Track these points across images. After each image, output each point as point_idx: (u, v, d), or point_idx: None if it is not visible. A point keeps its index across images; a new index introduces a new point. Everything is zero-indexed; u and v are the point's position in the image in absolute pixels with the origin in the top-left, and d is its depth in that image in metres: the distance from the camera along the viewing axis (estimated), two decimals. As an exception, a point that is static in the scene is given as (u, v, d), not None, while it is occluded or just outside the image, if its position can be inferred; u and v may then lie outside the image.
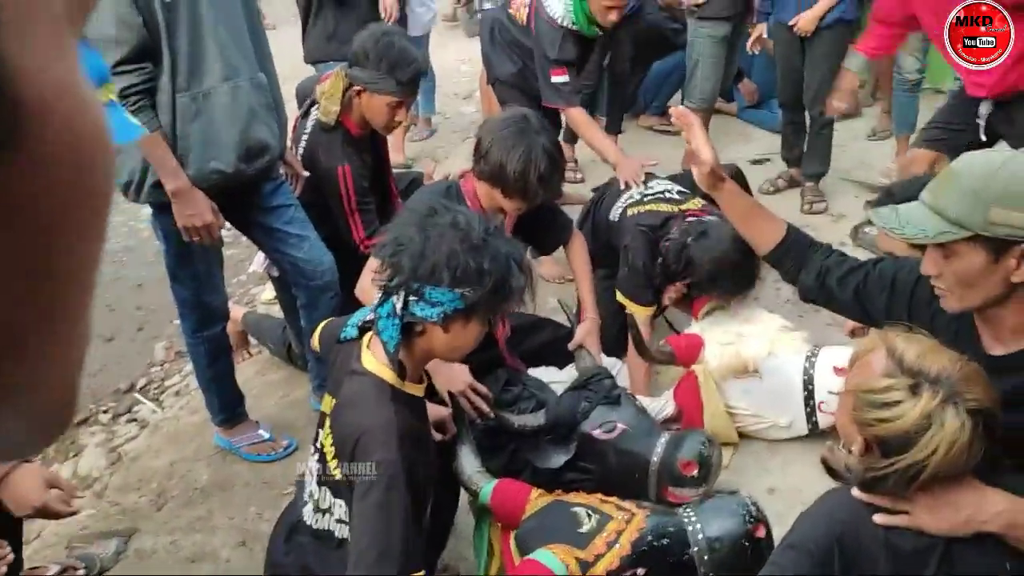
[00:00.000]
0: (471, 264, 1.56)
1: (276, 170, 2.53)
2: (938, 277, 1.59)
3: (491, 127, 2.49)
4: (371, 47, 2.65)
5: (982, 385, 1.37)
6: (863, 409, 1.38)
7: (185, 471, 2.68)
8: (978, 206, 1.47)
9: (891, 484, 1.39)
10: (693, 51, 4.29)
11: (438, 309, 1.57)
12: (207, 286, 2.47)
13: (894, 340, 1.42)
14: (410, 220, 1.64)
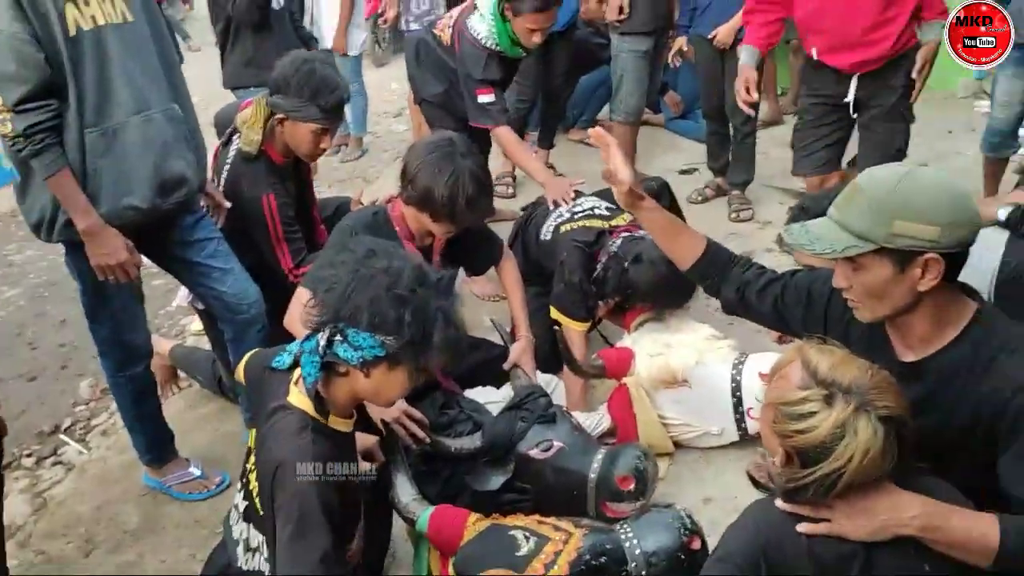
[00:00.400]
0: (391, 312, 1.56)
1: (196, 203, 2.47)
2: (849, 289, 1.64)
3: (417, 152, 2.48)
4: (292, 74, 2.61)
5: (892, 393, 1.41)
6: (781, 421, 1.42)
7: (113, 514, 2.60)
8: (881, 219, 1.51)
9: (811, 493, 1.42)
10: (617, 66, 4.35)
11: (359, 353, 1.57)
12: (127, 324, 2.39)
13: (808, 352, 1.46)
14: (347, 258, 1.65)
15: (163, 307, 3.99)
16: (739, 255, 2.05)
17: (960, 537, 1.43)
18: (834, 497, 1.43)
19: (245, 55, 3.95)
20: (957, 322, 1.60)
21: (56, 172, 2.08)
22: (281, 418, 1.64)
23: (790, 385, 1.44)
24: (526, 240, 3.22)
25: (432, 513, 2.06)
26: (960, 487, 1.52)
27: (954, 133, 5.39)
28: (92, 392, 3.44)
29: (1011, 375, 1.52)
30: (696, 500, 2.47)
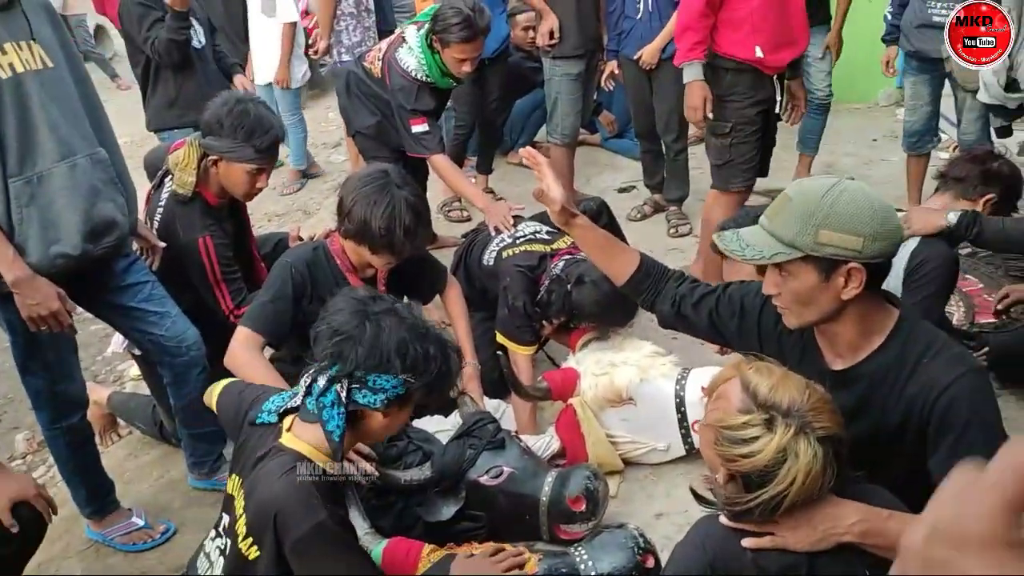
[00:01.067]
0: (419, 351, 1.64)
1: (127, 246, 2.43)
2: (777, 296, 1.69)
3: (352, 185, 2.48)
4: (225, 115, 2.59)
5: (828, 412, 1.44)
6: (724, 444, 1.44)
7: (55, 571, 2.51)
8: (808, 228, 1.57)
9: (756, 515, 1.45)
10: (551, 89, 4.41)
11: (381, 395, 1.64)
12: (60, 375, 2.33)
13: (748, 373, 1.48)
14: (346, 308, 1.69)
15: (99, 353, 3.89)
16: (673, 269, 2.10)
17: (897, 540, 1.46)
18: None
19: (168, 96, 3.86)
20: (882, 329, 1.67)
21: None
22: (278, 461, 1.65)
23: (730, 407, 1.46)
24: (469, 266, 3.23)
25: (386, 547, 2.05)
26: (893, 489, 1.56)
27: (878, 141, 5.59)
28: (28, 445, 3.33)
29: (935, 377, 1.58)
30: (648, 516, 2.49)
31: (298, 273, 2.50)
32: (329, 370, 1.64)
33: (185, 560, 2.29)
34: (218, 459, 2.74)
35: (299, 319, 2.51)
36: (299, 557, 1.58)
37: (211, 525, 1.88)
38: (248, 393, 1.87)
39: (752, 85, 3.27)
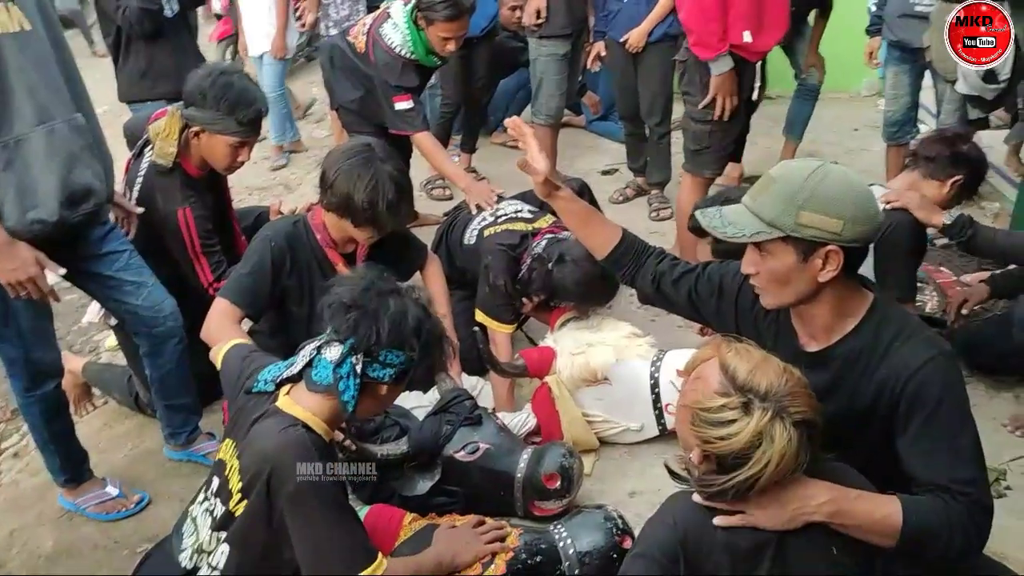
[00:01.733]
0: (432, 332, 1.74)
1: (105, 214, 2.40)
2: (756, 276, 1.71)
3: (335, 158, 2.46)
4: (208, 87, 2.56)
5: (804, 397, 1.45)
6: (700, 426, 1.45)
7: (27, 539, 2.50)
8: (789, 209, 1.59)
9: (730, 496, 1.47)
10: (536, 69, 4.40)
11: (390, 370, 1.71)
12: (36, 343, 2.30)
13: (727, 355, 1.48)
14: (358, 284, 1.73)
15: (75, 323, 3.85)
16: (654, 246, 2.10)
17: (866, 520, 1.50)
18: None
19: (139, 66, 3.76)
20: (856, 313, 1.69)
21: None
22: (273, 421, 1.69)
23: (708, 389, 1.46)
24: (450, 244, 3.23)
25: (368, 511, 2.07)
26: (860, 469, 1.60)
27: (860, 131, 5.63)
28: (2, 413, 3.30)
29: (906, 360, 1.61)
30: (622, 495, 2.52)
31: (277, 247, 2.49)
32: (344, 343, 1.67)
33: (160, 530, 2.31)
34: (194, 430, 2.73)
35: (277, 293, 2.51)
36: (292, 510, 1.61)
37: (186, 496, 1.89)
38: (251, 360, 1.91)
39: (741, 74, 3.29)
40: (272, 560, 1.68)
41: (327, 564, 1.62)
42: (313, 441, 1.66)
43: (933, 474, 1.57)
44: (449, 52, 3.48)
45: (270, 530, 1.65)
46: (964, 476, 1.55)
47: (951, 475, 1.55)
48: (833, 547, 1.50)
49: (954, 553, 1.54)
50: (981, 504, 1.55)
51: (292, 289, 2.54)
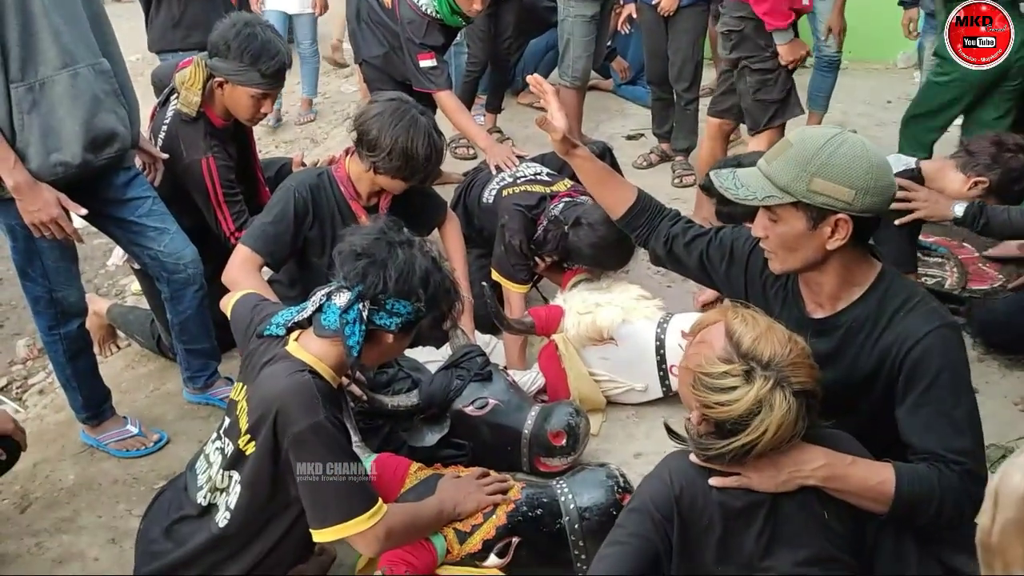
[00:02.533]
0: (440, 283, 1.76)
1: (129, 159, 2.44)
2: (765, 239, 1.72)
3: (378, 113, 2.46)
4: (232, 38, 2.58)
5: (806, 367, 1.47)
6: (702, 391, 1.47)
7: (49, 471, 2.59)
8: (802, 175, 1.59)
9: (727, 461, 1.49)
10: (564, 30, 4.36)
11: (396, 319, 1.73)
12: (60, 282, 2.36)
13: (733, 321, 1.50)
14: (370, 233, 1.76)
15: (102, 266, 3.94)
16: (669, 208, 2.11)
17: (860, 486, 1.51)
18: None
19: (172, 16, 3.75)
20: (863, 282, 1.70)
21: None
22: (281, 365, 1.73)
23: (712, 354, 1.47)
24: (468, 203, 3.25)
25: (375, 459, 2.11)
26: (857, 436, 1.61)
27: (893, 103, 5.52)
28: (29, 351, 3.39)
29: (910, 330, 1.62)
30: (627, 455, 2.55)
31: (301, 198, 2.52)
32: (352, 290, 1.70)
33: (176, 468, 2.38)
34: (212, 375, 2.80)
35: (299, 243, 2.55)
36: (296, 451, 1.65)
37: (203, 437, 1.95)
38: (262, 308, 1.95)
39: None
40: (279, 499, 1.73)
41: (326, 506, 1.67)
42: (319, 387, 1.69)
43: (929, 443, 1.58)
44: (475, 12, 3.46)
45: (276, 470, 1.70)
46: (959, 446, 1.56)
47: (946, 444, 1.56)
48: (825, 511, 1.53)
49: (944, 521, 1.55)
50: (974, 474, 1.56)
51: (314, 240, 2.57)
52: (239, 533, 1.77)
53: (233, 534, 1.77)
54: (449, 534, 1.98)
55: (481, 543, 1.98)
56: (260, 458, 1.70)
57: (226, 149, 2.77)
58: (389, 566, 1.85)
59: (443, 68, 3.55)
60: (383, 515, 1.70)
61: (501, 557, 1.99)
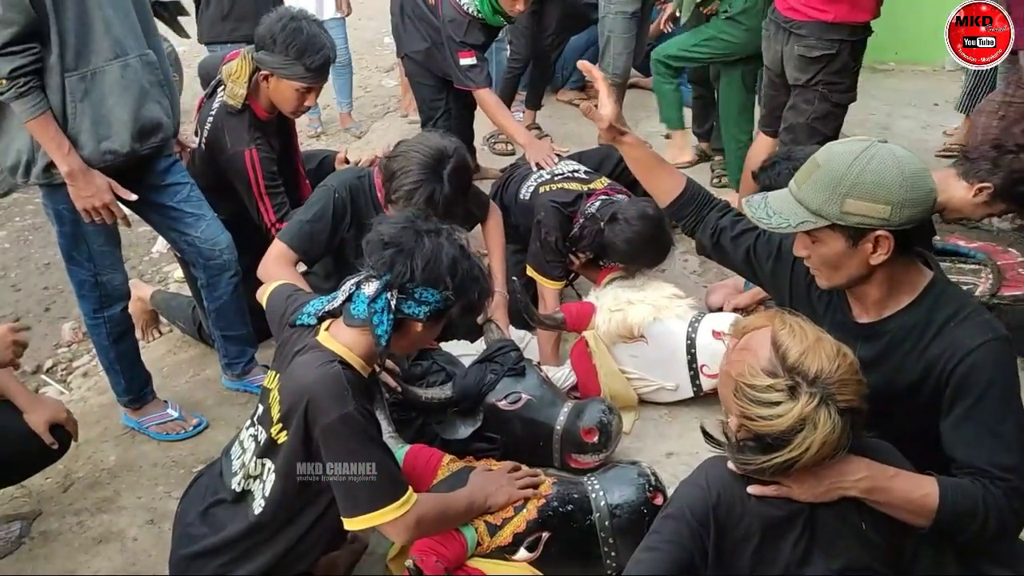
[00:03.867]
0: (468, 271, 1.75)
1: (170, 147, 2.50)
2: (808, 259, 1.69)
3: (408, 160, 2.40)
4: (279, 31, 2.61)
5: (854, 384, 1.41)
6: (744, 402, 1.42)
7: (92, 452, 2.65)
8: (834, 198, 1.56)
9: (767, 475, 1.46)
10: (604, 27, 4.34)
11: (425, 307, 1.74)
12: (104, 266, 2.42)
13: (780, 332, 1.44)
14: (399, 223, 1.76)
15: (147, 253, 4.02)
16: (718, 199, 2.08)
17: (902, 498, 1.48)
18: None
19: (222, 9, 3.85)
20: (912, 290, 1.66)
21: (39, 115, 2.11)
22: (311, 355, 1.75)
23: (756, 364, 1.42)
24: (505, 199, 3.25)
25: (408, 450, 2.13)
26: (899, 447, 1.58)
27: (940, 106, 5.42)
28: (74, 335, 3.48)
29: (960, 341, 1.58)
30: (658, 454, 2.54)
31: (340, 198, 2.54)
32: (380, 279, 1.71)
33: (214, 453, 2.42)
34: (250, 361, 2.85)
35: (335, 243, 2.57)
36: (326, 442, 1.67)
37: (240, 423, 1.97)
38: (295, 298, 1.96)
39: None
40: (312, 487, 1.75)
41: (356, 495, 1.68)
42: (348, 377, 1.70)
43: (974, 457, 1.55)
44: (518, 12, 3.46)
45: (308, 460, 1.72)
46: (1005, 462, 1.53)
47: (992, 460, 1.53)
48: (863, 523, 1.49)
49: (988, 538, 1.52)
50: (1020, 491, 1.53)
51: (350, 240, 2.59)
52: (273, 520, 1.79)
53: (267, 522, 1.80)
54: (480, 526, 1.98)
55: (511, 536, 1.99)
56: (292, 448, 1.72)
57: (269, 141, 2.81)
58: (420, 556, 1.86)
59: (483, 66, 3.56)
60: (413, 504, 1.72)
61: (531, 551, 1.99)
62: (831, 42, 3.12)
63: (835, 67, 3.15)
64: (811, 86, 3.19)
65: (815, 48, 3.13)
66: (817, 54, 3.13)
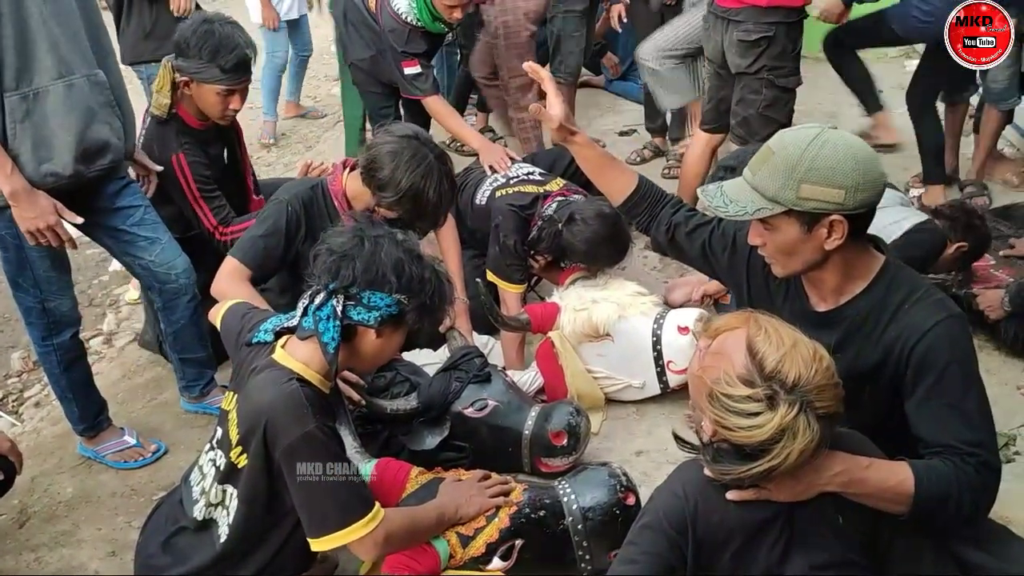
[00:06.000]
0: (415, 272, 1.69)
1: (123, 170, 2.42)
2: (763, 247, 1.70)
3: (387, 147, 2.36)
4: (191, 36, 2.60)
5: (831, 389, 1.38)
6: (720, 411, 1.38)
7: (48, 484, 2.57)
8: (789, 183, 1.57)
9: (746, 485, 1.44)
10: (554, 26, 4.35)
11: (375, 313, 1.68)
12: (51, 292, 2.34)
13: (756, 337, 1.39)
14: (343, 230, 1.73)
15: (96, 276, 3.92)
16: (671, 195, 2.08)
17: (879, 488, 1.48)
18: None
19: (143, 26, 3.63)
20: (866, 274, 1.68)
21: None
22: (267, 374, 1.70)
23: (732, 371, 1.38)
24: (460, 205, 3.23)
25: (375, 465, 2.09)
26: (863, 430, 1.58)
27: (884, 93, 5.49)
28: (24, 364, 3.37)
29: (915, 324, 1.60)
30: (628, 453, 2.54)
31: (293, 211, 2.47)
32: (326, 287, 1.68)
33: (175, 479, 2.35)
34: (208, 383, 2.78)
35: (290, 257, 2.50)
36: (287, 462, 1.63)
37: (201, 447, 1.92)
38: (252, 316, 1.92)
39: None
40: (276, 510, 1.72)
41: (322, 515, 1.65)
42: (307, 395, 1.66)
43: (940, 436, 1.56)
44: (456, 19, 3.43)
45: (271, 482, 1.68)
46: (972, 438, 1.54)
47: (958, 436, 1.54)
48: (840, 516, 1.49)
49: (964, 516, 1.53)
50: (989, 466, 1.54)
51: (305, 254, 2.53)
52: (240, 547, 1.75)
53: (234, 550, 1.75)
54: (452, 538, 1.96)
55: (484, 546, 1.97)
56: (254, 471, 1.67)
57: (204, 150, 2.77)
58: (392, 571, 1.83)
59: (428, 74, 3.50)
60: (381, 520, 1.69)
61: (505, 560, 1.98)
62: (768, 25, 3.18)
63: (775, 51, 3.20)
64: (755, 73, 3.24)
65: (752, 32, 3.18)
66: (755, 37, 3.18)
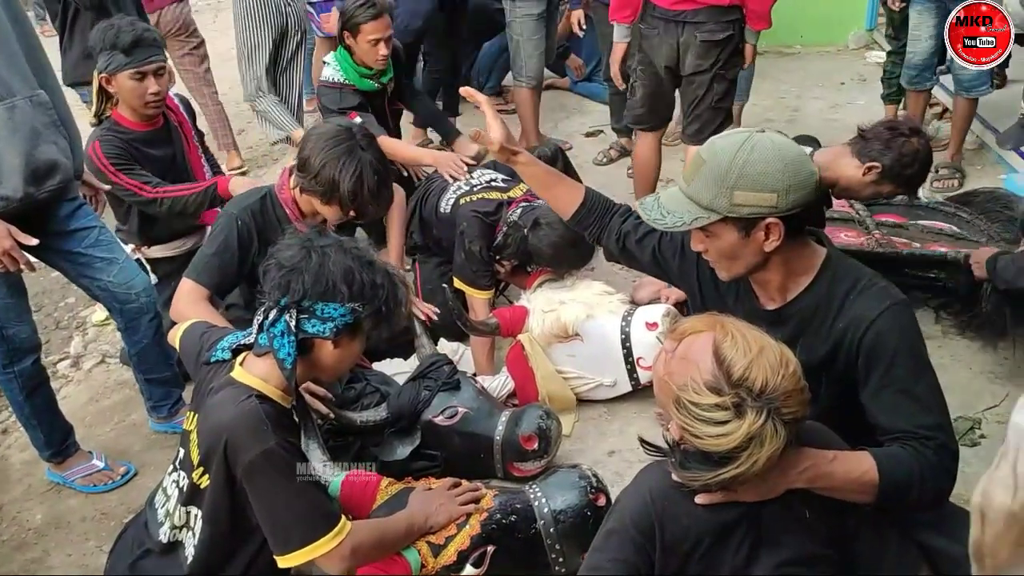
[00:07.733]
0: (366, 279, 1.67)
1: (73, 190, 2.40)
2: (705, 252, 1.72)
3: (317, 144, 2.36)
4: (95, 36, 2.64)
5: (797, 395, 1.38)
6: (687, 418, 1.36)
7: (16, 512, 2.54)
8: (723, 191, 1.59)
9: (714, 489, 1.43)
10: (513, 31, 4.35)
11: (330, 324, 1.67)
12: (8, 319, 2.31)
13: (723, 343, 1.38)
14: (291, 243, 1.71)
15: (62, 299, 3.87)
16: (620, 204, 2.10)
17: (845, 480, 1.49)
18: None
19: (84, 47, 3.35)
20: (809, 270, 1.71)
21: None
22: (226, 392, 1.69)
23: (699, 378, 1.36)
24: (425, 214, 3.22)
25: (344, 478, 2.08)
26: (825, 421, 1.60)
27: (846, 84, 5.57)
28: (-13, 392, 3.32)
29: (861, 313, 1.62)
30: (600, 454, 2.55)
31: (243, 224, 2.42)
32: (278, 303, 1.66)
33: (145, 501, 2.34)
34: (176, 402, 2.76)
35: (246, 270, 2.45)
36: (250, 480, 1.62)
37: (171, 467, 1.91)
38: (209, 335, 1.90)
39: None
40: (241, 528, 1.70)
41: (287, 531, 1.64)
42: (267, 411, 1.65)
43: (898, 422, 1.58)
44: (381, 60, 3.42)
45: (234, 501, 1.67)
46: (928, 422, 1.56)
47: (916, 422, 1.56)
48: (807, 510, 1.49)
49: (928, 500, 1.54)
50: (948, 448, 1.56)
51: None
52: (207, 569, 1.73)
53: (200, 572, 1.73)
54: (423, 548, 1.95)
55: (456, 554, 1.96)
56: (216, 491, 1.66)
57: (144, 151, 2.76)
58: (362, 583, 1.82)
59: (370, 120, 3.44)
60: (347, 533, 1.68)
61: (477, 567, 1.97)
62: (728, 23, 3.21)
63: (731, 47, 3.24)
64: (708, 70, 3.27)
65: (717, 32, 3.20)
66: (720, 37, 3.21)
